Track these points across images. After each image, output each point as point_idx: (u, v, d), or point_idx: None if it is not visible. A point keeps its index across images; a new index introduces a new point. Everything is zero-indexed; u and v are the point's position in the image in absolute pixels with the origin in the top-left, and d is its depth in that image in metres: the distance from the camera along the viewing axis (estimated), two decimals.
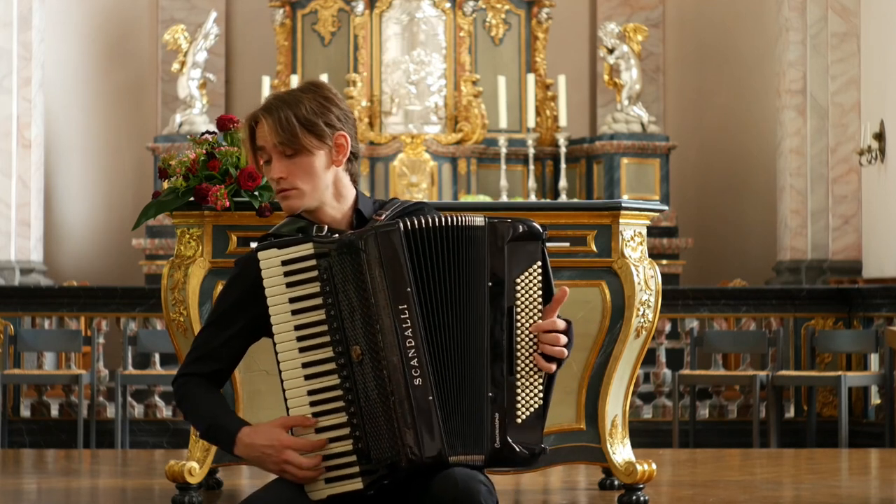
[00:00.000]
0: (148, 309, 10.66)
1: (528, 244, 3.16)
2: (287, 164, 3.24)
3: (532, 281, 3.16)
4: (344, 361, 3.11)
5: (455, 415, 3.10)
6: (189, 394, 3.29)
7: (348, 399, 3.11)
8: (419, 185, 13.12)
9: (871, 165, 12.08)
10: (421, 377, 3.08)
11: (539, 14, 13.76)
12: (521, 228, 3.15)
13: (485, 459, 3.11)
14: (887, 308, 10.51)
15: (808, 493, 5.99)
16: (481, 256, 3.13)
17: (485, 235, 3.13)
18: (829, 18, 12.81)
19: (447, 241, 3.13)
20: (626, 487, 5.28)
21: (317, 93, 3.26)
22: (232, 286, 3.31)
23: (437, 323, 3.11)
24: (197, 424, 3.30)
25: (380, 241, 3.10)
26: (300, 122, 3.21)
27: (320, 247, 3.14)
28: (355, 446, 3.11)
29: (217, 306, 3.33)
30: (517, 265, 3.15)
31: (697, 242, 13.94)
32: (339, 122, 3.26)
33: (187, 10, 14.68)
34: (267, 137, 3.24)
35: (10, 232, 12.70)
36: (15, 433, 10.38)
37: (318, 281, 3.13)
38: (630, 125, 13.57)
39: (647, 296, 5.27)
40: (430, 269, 3.12)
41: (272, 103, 3.25)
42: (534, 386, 3.15)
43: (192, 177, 5.16)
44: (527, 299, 3.16)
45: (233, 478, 6.16)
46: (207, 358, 3.31)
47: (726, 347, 10.79)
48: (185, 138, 12.22)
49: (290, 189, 3.25)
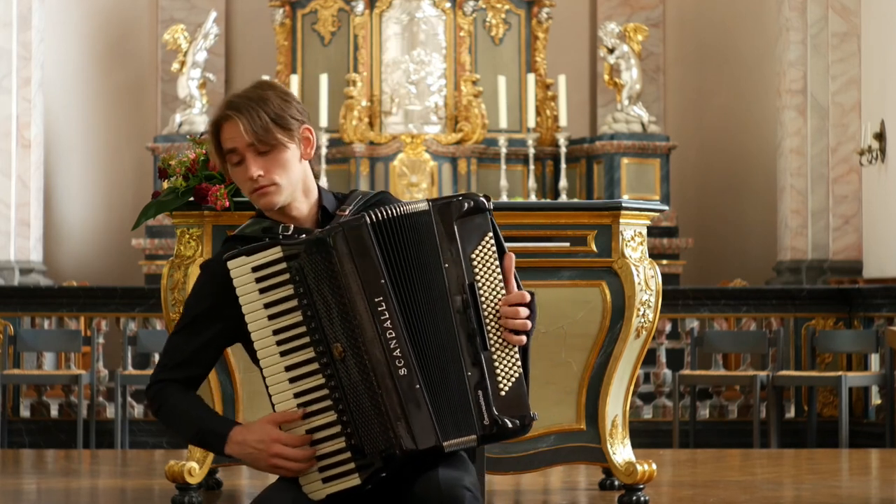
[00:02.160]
0: (148, 309, 10.66)
1: (475, 217, 3.17)
2: (263, 161, 3.23)
3: (487, 253, 3.17)
4: (326, 361, 3.11)
5: (442, 400, 3.10)
6: (168, 401, 3.26)
7: (335, 397, 3.11)
8: (419, 185, 13.11)
9: (872, 165, 12.08)
10: (405, 367, 3.09)
11: (539, 14, 13.76)
12: (465, 205, 3.17)
13: (478, 438, 3.12)
14: (888, 308, 10.50)
15: (809, 493, 5.98)
16: (433, 239, 3.13)
17: (431, 218, 3.14)
18: (829, 18, 12.80)
19: (403, 229, 3.13)
20: (627, 488, 5.27)
21: (275, 89, 3.27)
22: (202, 292, 3.28)
23: (412, 311, 3.12)
24: (181, 430, 3.26)
25: (349, 237, 3.11)
26: (271, 118, 3.21)
27: (289, 248, 3.13)
28: (348, 443, 3.11)
29: (187, 311, 3.30)
30: (469, 241, 3.16)
31: (698, 242, 13.94)
32: (301, 114, 3.27)
33: (187, 9, 14.67)
34: (239, 138, 3.23)
35: (10, 232, 12.70)
36: (14, 433, 10.38)
37: (291, 283, 3.12)
38: (630, 125, 13.57)
39: (648, 296, 5.27)
40: (398, 259, 3.12)
41: (239, 103, 3.24)
42: (509, 357, 3.15)
43: (192, 177, 5.15)
44: (486, 272, 3.16)
45: (232, 478, 6.16)
46: (182, 364, 3.28)
47: (727, 347, 10.78)
48: (185, 138, 12.21)
49: (268, 185, 3.24)
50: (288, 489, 3.16)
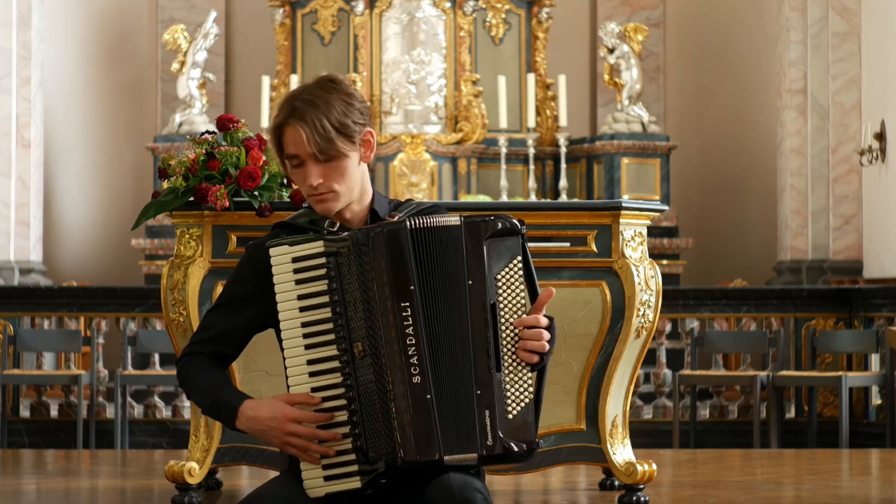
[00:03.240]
0: (147, 309, 10.65)
1: (506, 240, 3.17)
2: (323, 169, 3.25)
3: (513, 276, 3.17)
4: (347, 359, 3.12)
5: (449, 414, 3.10)
6: (192, 371, 3.31)
7: (349, 396, 3.12)
8: (419, 185, 13.11)
9: (872, 165, 12.07)
10: (420, 375, 3.09)
11: (539, 14, 13.75)
12: (498, 225, 3.16)
13: (479, 458, 3.11)
14: (888, 308, 10.50)
15: (809, 493, 5.98)
16: (460, 255, 3.13)
17: (461, 234, 3.14)
18: (829, 18, 12.80)
19: (434, 240, 3.14)
20: (627, 488, 5.27)
21: (339, 90, 3.25)
22: (242, 273, 3.33)
23: (433, 322, 3.12)
24: (199, 401, 3.30)
25: (388, 239, 3.11)
26: (334, 127, 3.22)
27: (331, 245, 3.15)
28: (354, 444, 3.11)
29: (226, 290, 3.35)
30: (497, 261, 3.15)
31: (698, 242, 13.93)
32: (363, 116, 3.27)
33: (187, 9, 14.67)
34: (301, 146, 3.23)
35: (10, 232, 12.69)
36: (14, 433, 10.37)
37: (327, 279, 3.14)
38: (630, 125, 13.56)
39: (648, 296, 5.26)
40: (427, 269, 3.13)
41: (302, 109, 3.22)
42: (522, 381, 3.14)
43: (192, 177, 5.15)
44: (509, 295, 3.16)
45: (232, 478, 6.15)
46: (211, 340, 3.33)
47: (727, 348, 10.78)
48: (185, 138, 12.22)
49: (326, 193, 3.26)
50: (287, 485, 3.15)
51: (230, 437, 5.23)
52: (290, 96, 3.27)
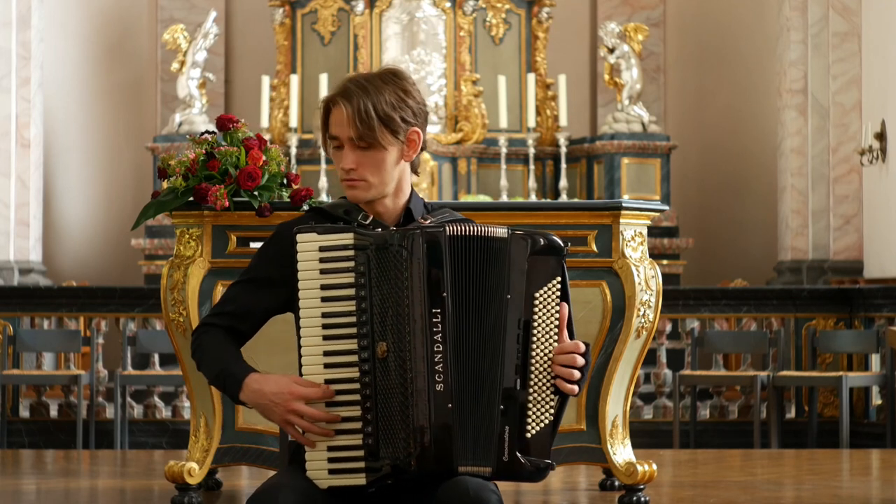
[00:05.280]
0: (147, 309, 10.64)
1: (549, 258, 3.14)
2: (359, 156, 3.23)
3: (551, 296, 3.15)
4: (367, 356, 3.09)
5: (468, 425, 3.08)
6: (204, 340, 3.28)
7: (365, 394, 3.09)
8: (419, 185, 13.10)
9: (873, 165, 12.07)
10: (443, 383, 3.06)
11: (539, 13, 13.75)
12: (542, 242, 3.13)
13: (492, 472, 3.09)
14: (888, 308, 10.49)
15: (809, 493, 5.97)
16: (503, 268, 3.11)
17: (507, 247, 3.11)
18: (830, 18, 12.79)
19: (478, 250, 3.11)
20: (627, 488, 5.26)
21: (396, 84, 3.24)
22: (269, 253, 3.31)
23: (463, 331, 3.09)
24: (207, 371, 3.26)
25: (426, 242, 3.08)
26: (379, 116, 3.19)
27: (361, 238, 3.12)
28: (364, 441, 3.09)
29: (251, 267, 3.32)
30: (537, 279, 3.13)
31: (698, 242, 13.93)
32: (414, 116, 3.25)
33: (187, 9, 14.67)
34: (343, 127, 3.22)
35: (9, 232, 12.69)
36: (14, 434, 10.37)
37: (354, 273, 3.10)
38: (631, 125, 13.56)
39: (648, 296, 5.26)
40: (464, 277, 3.10)
41: (352, 90, 3.21)
42: (545, 401, 3.13)
43: (192, 177, 5.14)
44: (545, 314, 3.14)
45: (232, 478, 6.15)
46: (229, 314, 3.30)
47: (727, 348, 10.77)
48: (185, 138, 12.21)
49: (358, 180, 3.24)
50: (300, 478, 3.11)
51: (230, 438, 5.22)
52: (348, 77, 3.27)
